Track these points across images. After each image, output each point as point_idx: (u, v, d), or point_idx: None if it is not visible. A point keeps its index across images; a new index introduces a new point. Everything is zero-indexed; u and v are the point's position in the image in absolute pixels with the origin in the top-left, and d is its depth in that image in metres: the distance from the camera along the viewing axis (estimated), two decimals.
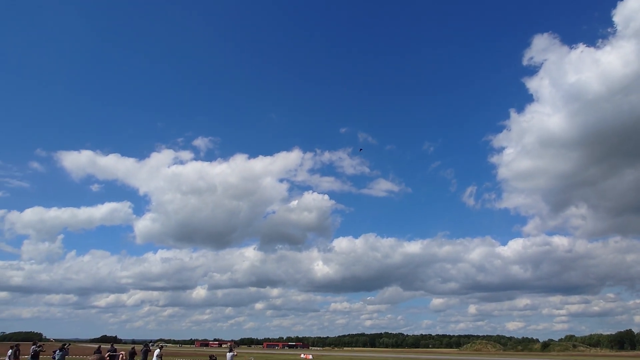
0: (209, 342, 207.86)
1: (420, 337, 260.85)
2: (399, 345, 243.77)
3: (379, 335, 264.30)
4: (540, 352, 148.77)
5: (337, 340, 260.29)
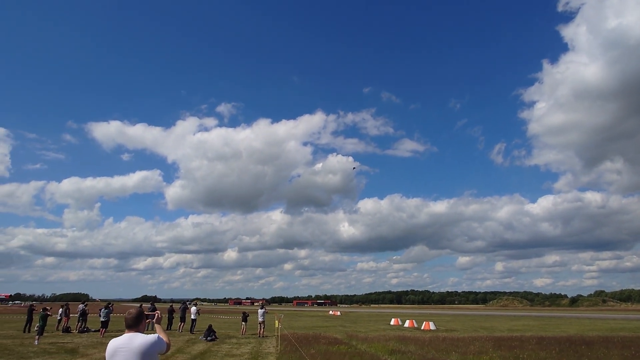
0: (241, 300, 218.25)
1: (446, 294, 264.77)
2: (425, 302, 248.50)
3: (405, 292, 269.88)
4: (569, 307, 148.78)
5: (364, 297, 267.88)
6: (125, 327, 3.56)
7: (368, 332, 25.18)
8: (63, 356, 13.11)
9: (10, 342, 17.17)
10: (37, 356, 12.95)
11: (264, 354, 14.41)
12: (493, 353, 14.22)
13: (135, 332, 3.49)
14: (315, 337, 19.39)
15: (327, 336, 20.47)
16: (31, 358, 12.51)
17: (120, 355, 3.33)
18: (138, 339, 3.40)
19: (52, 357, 12.91)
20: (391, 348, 15.40)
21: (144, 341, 3.39)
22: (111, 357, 3.37)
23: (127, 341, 3.40)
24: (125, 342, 3.40)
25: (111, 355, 3.37)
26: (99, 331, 20.94)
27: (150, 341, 3.41)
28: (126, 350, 3.34)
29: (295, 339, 17.84)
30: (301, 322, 38.27)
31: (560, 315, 68.25)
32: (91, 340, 17.87)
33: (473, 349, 15.29)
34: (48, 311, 19.65)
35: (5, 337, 19.38)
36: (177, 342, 17.87)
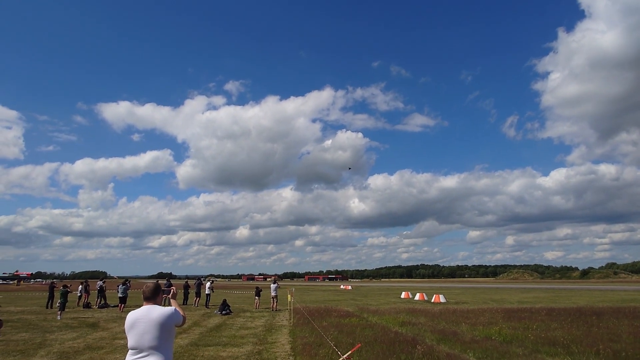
0: (254, 276, 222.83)
1: (456, 267, 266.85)
2: (435, 275, 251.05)
3: (416, 267, 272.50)
4: (579, 280, 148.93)
5: (375, 272, 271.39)
6: (143, 300, 3.67)
7: (379, 305, 25.63)
8: (85, 330, 13.64)
9: (35, 317, 17.89)
10: (60, 330, 13.50)
11: (278, 326, 14.80)
12: (503, 324, 14.40)
13: (153, 304, 3.61)
14: (327, 311, 19.80)
15: (338, 309, 20.89)
16: (55, 332, 13.04)
17: (140, 326, 3.44)
18: (156, 311, 3.51)
19: (74, 331, 13.44)
20: (402, 320, 15.68)
21: (162, 313, 3.50)
22: (131, 328, 3.48)
23: (145, 313, 3.51)
24: (144, 313, 3.51)
25: (131, 326, 3.48)
26: (117, 306, 21.65)
27: (168, 313, 3.51)
28: (145, 321, 3.45)
29: (307, 312, 18.25)
30: (313, 296, 39.05)
31: (570, 287, 68.44)
32: (111, 315, 18.52)
33: (483, 320, 15.50)
34: (68, 288, 20.34)
35: (29, 313, 20.18)
36: (193, 316, 18.42)
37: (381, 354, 8.93)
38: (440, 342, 10.79)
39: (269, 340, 11.48)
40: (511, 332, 12.31)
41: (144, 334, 3.40)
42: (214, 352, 9.70)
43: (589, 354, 9.14)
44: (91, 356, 9.17)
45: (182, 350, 9.87)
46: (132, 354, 3.43)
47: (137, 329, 3.43)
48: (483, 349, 9.77)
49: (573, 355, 9.10)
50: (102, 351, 9.77)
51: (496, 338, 11.42)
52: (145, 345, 3.38)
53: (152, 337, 3.39)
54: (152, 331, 3.40)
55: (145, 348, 3.38)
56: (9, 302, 27.89)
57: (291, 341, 11.21)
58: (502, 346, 10.16)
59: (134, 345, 3.42)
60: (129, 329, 3.49)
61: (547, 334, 12.03)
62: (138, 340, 3.40)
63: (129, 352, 3.46)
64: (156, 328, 3.41)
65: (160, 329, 3.42)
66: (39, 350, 9.82)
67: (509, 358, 8.77)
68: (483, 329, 13.12)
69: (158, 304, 3.64)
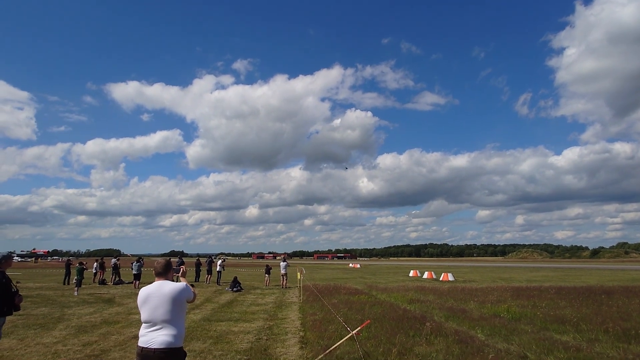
0: (264, 254, 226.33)
1: (464, 247, 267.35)
2: (444, 254, 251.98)
3: (424, 246, 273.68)
4: (589, 259, 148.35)
5: (383, 251, 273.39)
6: (155, 275, 3.77)
7: (387, 283, 25.89)
8: (101, 305, 14.05)
9: (53, 293, 18.46)
10: (77, 305, 13.92)
11: (288, 303, 15.07)
12: (511, 302, 14.47)
13: (165, 280, 3.71)
14: (336, 288, 20.07)
15: (347, 287, 21.17)
16: (72, 307, 13.46)
17: (152, 300, 3.54)
18: (168, 286, 3.61)
19: (91, 306, 13.86)
20: (410, 298, 15.84)
21: (173, 287, 3.60)
22: (144, 303, 3.57)
23: (157, 288, 3.61)
24: (156, 288, 3.61)
25: (143, 301, 3.58)
26: (132, 283, 22.23)
27: (179, 288, 3.61)
28: (157, 295, 3.55)
29: (317, 290, 18.53)
30: (322, 274, 39.58)
31: (580, 266, 68.24)
32: (125, 291, 19.02)
33: (491, 298, 15.58)
34: (84, 265, 20.88)
35: (47, 289, 20.82)
36: (205, 292, 18.84)
37: (390, 330, 9.06)
38: (449, 319, 10.90)
39: (279, 317, 11.70)
40: (520, 310, 12.36)
41: (157, 308, 3.50)
42: (226, 327, 9.93)
43: (598, 331, 9.16)
44: (108, 330, 9.46)
45: (195, 325, 10.12)
46: (145, 327, 3.54)
47: (150, 303, 3.54)
48: (491, 326, 9.84)
49: (582, 333, 9.12)
50: (118, 325, 10.07)
51: (504, 316, 11.49)
52: (158, 318, 3.49)
53: (165, 310, 3.49)
54: (164, 305, 3.50)
55: (159, 321, 3.49)
56: (28, 279, 28.79)
57: (301, 317, 11.42)
58: (510, 323, 10.23)
59: (147, 318, 3.53)
60: (142, 304, 3.59)
61: (556, 312, 12.06)
62: (151, 314, 3.51)
63: (143, 325, 3.57)
64: (168, 302, 3.51)
65: (172, 303, 3.52)
66: (58, 324, 10.16)
67: (517, 335, 8.83)
68: (491, 307, 13.20)
69: (169, 280, 3.73)
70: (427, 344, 7.87)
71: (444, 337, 8.43)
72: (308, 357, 6.83)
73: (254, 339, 8.48)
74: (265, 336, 8.83)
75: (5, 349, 7.30)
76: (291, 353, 7.29)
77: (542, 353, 7.29)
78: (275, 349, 7.60)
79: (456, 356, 6.91)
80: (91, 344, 8.00)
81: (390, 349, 7.22)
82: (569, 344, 7.94)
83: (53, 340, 8.34)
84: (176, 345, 3.46)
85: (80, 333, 9.08)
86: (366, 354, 6.79)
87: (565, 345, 7.73)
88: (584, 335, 8.85)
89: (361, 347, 7.00)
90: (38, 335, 8.77)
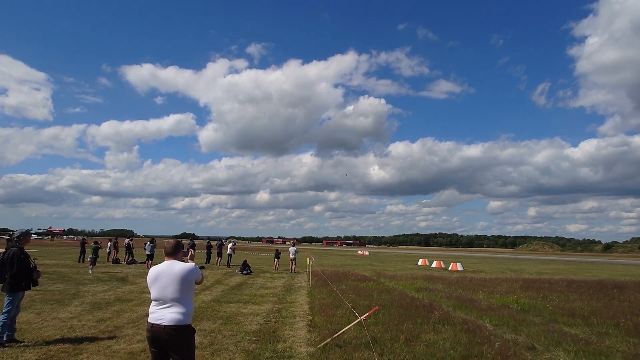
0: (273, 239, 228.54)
1: (474, 237, 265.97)
2: (453, 244, 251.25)
3: (434, 235, 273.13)
4: (602, 253, 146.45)
5: (392, 239, 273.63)
6: (165, 255, 3.88)
7: (396, 271, 25.97)
8: (115, 283, 14.40)
9: (68, 270, 18.97)
10: (92, 283, 14.29)
11: (296, 287, 15.24)
12: (521, 293, 14.40)
13: (174, 260, 3.82)
14: (345, 274, 20.21)
15: (356, 273, 21.29)
16: (87, 284, 13.82)
17: (162, 279, 3.66)
18: (177, 265, 3.73)
19: (105, 284, 14.21)
20: (418, 286, 15.88)
21: (183, 267, 3.71)
22: (154, 281, 3.70)
23: (167, 267, 3.73)
24: (166, 268, 3.73)
25: (153, 279, 3.71)
26: (145, 263, 22.67)
27: (189, 268, 3.73)
28: (167, 274, 3.67)
29: (325, 275, 18.68)
30: (331, 260, 39.86)
31: (592, 260, 67.45)
32: (138, 271, 19.44)
33: (501, 289, 15.52)
34: (99, 244, 21.34)
35: (63, 266, 21.39)
36: (215, 274, 19.15)
37: (398, 317, 9.11)
38: (457, 309, 10.91)
39: (287, 300, 11.85)
40: (529, 302, 12.31)
41: (166, 287, 3.63)
42: (235, 308, 10.10)
43: (609, 325, 9.08)
44: (121, 307, 9.71)
45: (206, 305, 10.32)
46: (155, 304, 3.68)
47: (160, 282, 3.66)
48: (499, 316, 9.83)
49: (592, 326, 9.05)
50: (131, 303, 10.32)
51: (513, 307, 11.45)
52: (167, 297, 3.62)
53: (174, 289, 3.62)
54: (173, 284, 3.62)
55: (168, 299, 3.62)
56: (44, 256, 29.59)
57: (309, 301, 11.55)
58: (519, 314, 10.20)
59: (157, 296, 3.67)
60: (152, 282, 3.72)
61: (566, 305, 11.97)
62: (161, 293, 3.64)
63: (153, 302, 3.71)
64: (177, 281, 3.63)
65: (181, 282, 3.64)
66: (73, 300, 10.46)
67: (525, 326, 8.80)
68: (500, 297, 13.16)
69: (178, 260, 3.84)
70: (435, 331, 7.90)
71: (452, 325, 8.45)
72: (316, 341, 6.92)
73: (262, 321, 8.62)
74: (274, 319, 8.97)
75: (23, 322, 7.55)
76: (299, 336, 7.39)
77: (550, 345, 7.27)
78: (284, 332, 7.71)
79: (463, 344, 6.94)
80: (105, 320, 8.22)
81: (398, 336, 7.27)
82: (578, 336, 7.90)
83: (69, 315, 8.59)
84: (185, 323, 3.60)
85: (94, 309, 9.33)
86: (374, 340, 6.85)
87: (574, 338, 7.69)
88: (594, 329, 8.79)
89: (369, 333, 7.06)
90: (54, 310, 9.04)
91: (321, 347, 6.46)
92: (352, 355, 6.04)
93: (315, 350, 6.34)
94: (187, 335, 3.60)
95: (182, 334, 3.56)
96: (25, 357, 5.64)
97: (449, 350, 6.59)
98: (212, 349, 6.34)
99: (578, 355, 6.63)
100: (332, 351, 6.27)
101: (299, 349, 6.48)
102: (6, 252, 6.39)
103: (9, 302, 6.24)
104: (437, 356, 6.24)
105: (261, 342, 6.84)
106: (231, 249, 25.91)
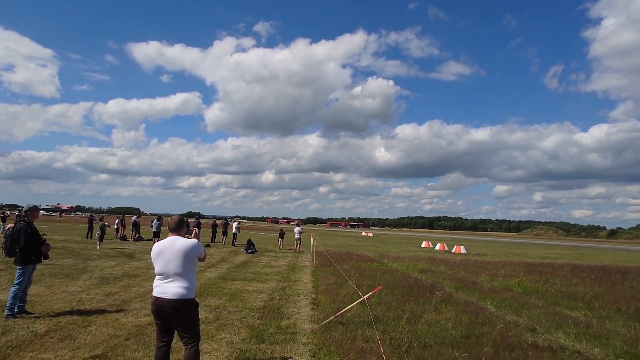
0: (278, 219, 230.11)
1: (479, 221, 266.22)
2: (457, 228, 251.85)
3: (438, 218, 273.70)
4: (606, 239, 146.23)
5: (397, 221, 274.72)
6: (169, 231, 3.96)
7: (399, 252, 26.15)
8: (122, 259, 14.65)
9: (77, 246, 19.30)
10: (100, 258, 14.55)
11: (301, 266, 15.42)
12: (523, 277, 14.47)
13: (177, 236, 3.89)
14: (349, 255, 20.39)
15: (359, 254, 21.48)
16: (95, 260, 14.08)
17: (166, 254, 3.75)
18: (180, 241, 3.81)
19: (112, 259, 14.46)
20: (421, 267, 16.00)
21: (185, 243, 3.79)
22: (157, 256, 3.79)
23: (170, 242, 3.81)
24: (169, 243, 3.81)
25: (157, 254, 3.79)
26: (151, 240, 23.00)
27: (192, 244, 3.81)
28: (170, 250, 3.75)
29: (329, 255, 18.87)
30: (335, 241, 40.18)
31: (596, 246, 67.42)
32: (145, 248, 19.73)
33: (503, 272, 15.61)
34: (106, 223, 21.62)
35: (71, 242, 21.76)
36: (220, 253, 19.40)
37: (400, 297, 9.22)
38: (459, 290, 11.01)
39: (292, 279, 12.01)
40: (531, 285, 12.38)
41: (170, 262, 3.71)
42: (240, 286, 10.26)
43: (610, 310, 9.13)
44: (129, 282, 9.90)
45: (211, 282, 10.49)
46: (159, 278, 3.78)
47: (163, 257, 3.75)
48: (502, 298, 9.91)
49: (594, 310, 9.11)
50: (138, 278, 10.51)
51: (515, 289, 11.53)
52: (170, 271, 3.71)
53: (177, 264, 3.70)
54: (176, 259, 3.71)
55: (171, 274, 3.71)
56: (53, 232, 30.09)
57: (313, 280, 11.70)
58: (521, 297, 10.27)
59: (160, 271, 3.76)
60: (155, 257, 3.81)
61: (569, 289, 12.03)
62: (164, 267, 3.73)
63: (157, 277, 3.81)
64: (180, 257, 3.71)
65: (184, 257, 3.72)
66: (82, 275, 10.67)
67: (527, 308, 8.88)
68: (503, 280, 13.25)
69: (182, 236, 3.91)
70: (437, 312, 8.00)
71: (454, 306, 8.54)
72: (319, 318, 7.04)
73: (267, 298, 8.76)
74: (278, 296, 9.11)
75: (34, 294, 7.73)
76: (303, 313, 7.52)
77: (551, 327, 7.34)
78: (288, 309, 7.84)
79: (465, 325, 7.02)
80: (113, 294, 8.40)
81: (401, 315, 7.37)
82: (579, 319, 7.96)
83: (77, 289, 8.78)
84: (188, 297, 3.71)
85: (102, 284, 9.53)
86: (376, 319, 6.95)
87: (575, 321, 7.75)
88: (596, 313, 8.84)
89: (372, 312, 7.16)
90: (63, 284, 9.24)
91: (324, 324, 6.57)
92: (354, 333, 6.14)
93: (319, 327, 6.46)
94: (190, 309, 3.72)
95: (186, 308, 3.67)
96: (36, 327, 5.80)
97: (451, 330, 6.68)
98: (218, 324, 6.47)
99: (578, 338, 6.69)
100: (335, 328, 6.38)
101: (302, 326, 6.60)
102: (15, 226, 6.50)
103: (20, 274, 6.39)
104: (439, 335, 6.33)
105: (265, 319, 6.96)
106: (237, 228, 26.14)
